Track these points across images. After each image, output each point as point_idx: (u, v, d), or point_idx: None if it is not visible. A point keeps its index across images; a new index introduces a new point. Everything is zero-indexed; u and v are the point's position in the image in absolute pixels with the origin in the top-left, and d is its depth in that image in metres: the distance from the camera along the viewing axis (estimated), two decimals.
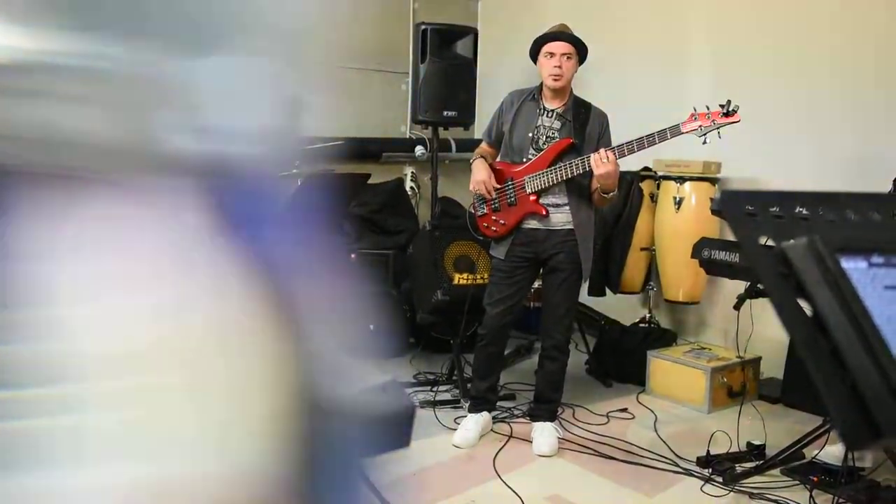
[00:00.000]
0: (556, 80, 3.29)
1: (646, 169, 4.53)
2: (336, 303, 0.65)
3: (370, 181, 4.24)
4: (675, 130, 3.14)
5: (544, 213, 3.32)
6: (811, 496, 2.88)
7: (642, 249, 4.51)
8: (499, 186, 3.40)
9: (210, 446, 0.50)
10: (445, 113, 4.64)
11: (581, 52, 3.32)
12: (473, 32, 4.86)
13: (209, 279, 0.51)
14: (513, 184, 3.38)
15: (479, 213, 3.51)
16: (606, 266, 4.55)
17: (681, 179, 4.27)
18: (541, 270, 3.48)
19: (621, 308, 4.85)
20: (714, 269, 3.58)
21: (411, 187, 5.61)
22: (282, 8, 0.58)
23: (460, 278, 4.03)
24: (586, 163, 3.18)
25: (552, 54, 3.29)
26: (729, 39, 4.44)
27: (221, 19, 0.52)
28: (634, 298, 4.84)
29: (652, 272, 4.58)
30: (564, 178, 3.25)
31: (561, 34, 3.34)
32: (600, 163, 3.12)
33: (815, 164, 3.95)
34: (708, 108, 3.12)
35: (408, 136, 5.67)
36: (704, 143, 3.13)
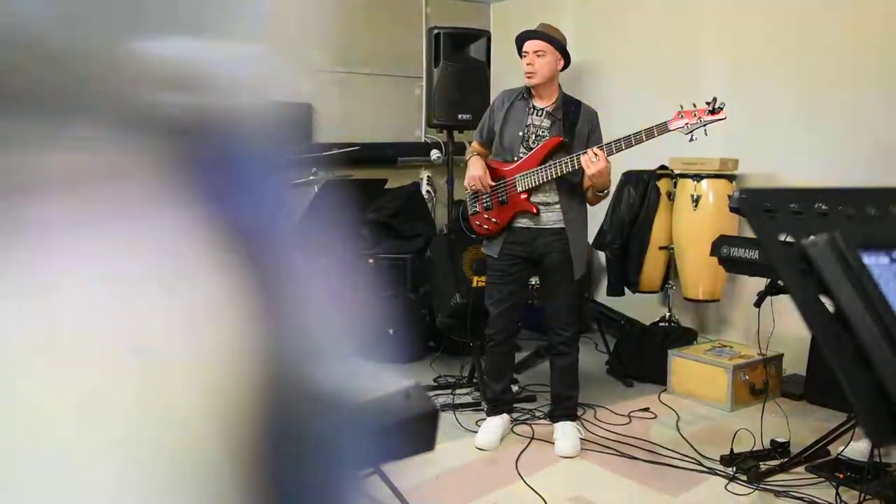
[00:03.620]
0: (529, 77, 3.33)
1: (662, 167, 4.52)
2: (347, 301, 0.64)
3: (386, 186, 4.26)
4: (662, 128, 3.14)
5: (535, 211, 3.33)
6: (837, 493, 2.85)
7: (661, 248, 4.49)
8: (493, 184, 3.41)
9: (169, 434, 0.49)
10: (460, 116, 4.65)
11: (558, 48, 3.32)
12: (486, 35, 4.87)
13: (176, 252, 0.49)
14: (504, 182, 3.40)
15: (472, 212, 3.54)
16: (625, 265, 4.54)
17: (698, 177, 4.25)
18: (535, 269, 3.49)
19: (641, 307, 4.84)
20: (733, 266, 3.56)
21: (427, 191, 5.63)
22: (283, 5, 0.57)
23: (478, 281, 4.03)
24: (576, 161, 3.19)
25: (526, 53, 3.33)
26: (743, 34, 4.42)
27: (217, 8, 0.52)
28: (654, 297, 4.82)
29: (671, 271, 4.56)
30: (554, 176, 3.27)
31: (531, 32, 3.38)
32: (591, 162, 3.13)
33: (834, 159, 3.91)
34: (694, 106, 3.13)
35: (423, 140, 5.69)
36: (691, 140, 3.14)
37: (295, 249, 0.58)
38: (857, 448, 3.02)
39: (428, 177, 5.69)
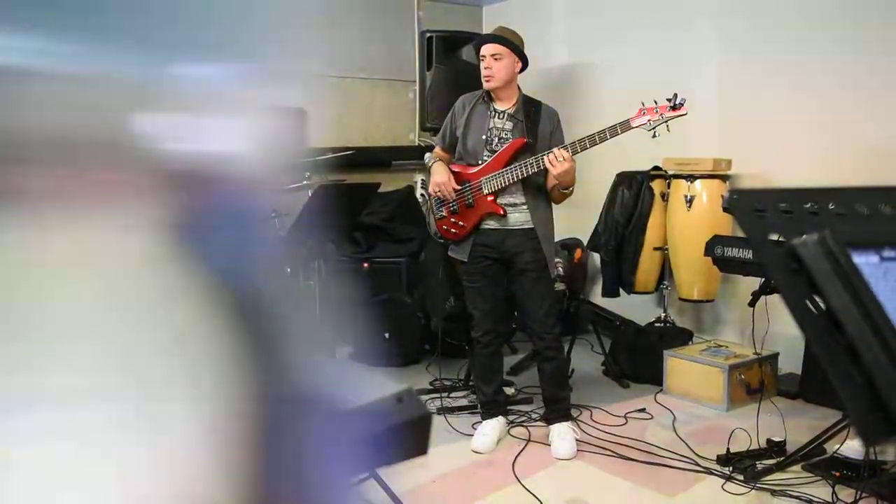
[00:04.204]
0: (486, 80, 3.35)
1: (656, 168, 4.52)
2: (335, 307, 0.65)
3: (381, 190, 4.25)
4: (625, 125, 3.15)
5: (502, 212, 3.34)
6: (833, 491, 2.86)
7: (655, 249, 4.50)
8: (458, 188, 3.42)
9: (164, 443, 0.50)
10: None
11: (515, 50, 3.33)
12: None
13: (174, 284, 0.51)
14: (470, 185, 3.40)
15: (438, 216, 3.54)
16: (620, 267, 4.54)
17: (691, 178, 4.26)
18: (508, 271, 3.48)
19: (636, 308, 4.84)
20: (728, 266, 3.57)
21: (421, 194, 5.63)
22: (276, 15, 0.58)
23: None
24: (541, 161, 3.20)
25: (483, 56, 3.36)
26: (735, 35, 4.43)
27: (211, 25, 0.52)
28: (649, 298, 4.83)
29: (665, 271, 4.57)
30: (520, 177, 3.28)
31: (487, 36, 3.42)
32: (556, 162, 3.14)
33: (826, 159, 3.93)
34: (656, 102, 3.15)
35: (416, 144, 5.69)
36: (654, 136, 3.15)
37: (283, 280, 0.59)
38: (853, 446, 3.02)
39: (422, 180, 5.69)
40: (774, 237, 0.88)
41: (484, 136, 3.39)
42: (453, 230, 3.48)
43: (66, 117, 0.45)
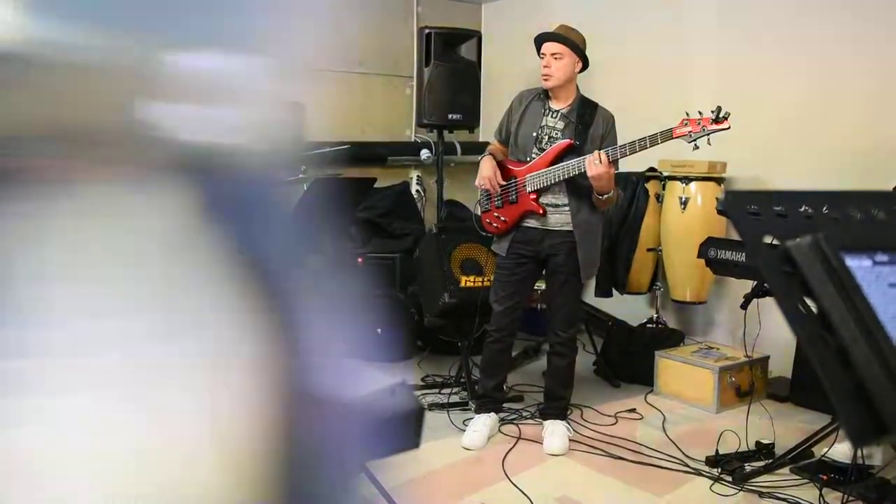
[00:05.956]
0: (545, 79, 3.35)
1: (651, 169, 4.53)
2: (339, 302, 0.65)
3: (376, 185, 4.25)
4: (666, 135, 3.16)
5: (541, 212, 3.35)
6: (821, 494, 2.87)
7: (649, 250, 4.51)
8: (504, 183, 3.42)
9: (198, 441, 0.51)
10: (450, 116, 4.65)
11: (576, 50, 3.33)
12: (477, 35, 4.86)
13: (196, 274, 0.51)
14: (515, 182, 3.41)
15: (483, 210, 3.56)
16: (613, 267, 4.55)
17: (686, 179, 4.27)
18: (543, 270, 3.50)
19: (628, 308, 4.85)
20: (721, 268, 3.58)
21: (417, 190, 5.63)
22: (278, 7, 0.58)
23: (467, 281, 4.03)
24: (582, 164, 3.20)
25: (544, 55, 3.35)
26: (733, 39, 4.44)
27: (215, 15, 0.53)
28: (641, 299, 4.84)
29: (659, 272, 4.58)
30: (563, 178, 3.28)
31: (549, 34, 3.39)
32: (593, 165, 3.15)
33: (821, 162, 3.94)
34: (700, 114, 3.14)
35: (413, 140, 5.68)
36: (695, 148, 3.15)
37: (302, 270, 0.60)
38: (841, 450, 3.04)
39: (418, 176, 5.69)
40: (769, 240, 0.88)
41: (535, 134, 3.39)
42: (495, 224, 3.50)
43: (75, 105, 0.45)
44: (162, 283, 0.49)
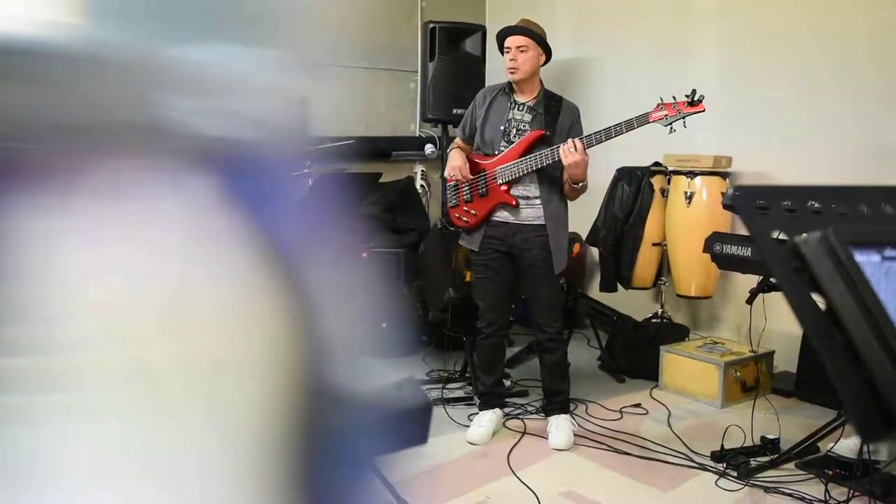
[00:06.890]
0: (512, 72, 3.36)
1: (656, 164, 4.52)
2: (348, 297, 0.66)
3: (380, 180, 4.25)
4: (642, 120, 3.16)
5: (514, 203, 3.35)
6: (826, 490, 2.87)
7: (654, 245, 4.51)
8: (472, 177, 3.42)
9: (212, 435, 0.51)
10: (454, 111, 4.65)
11: (540, 43, 3.34)
12: (482, 30, 4.86)
13: (218, 262, 0.51)
14: (485, 175, 3.41)
15: (451, 204, 3.56)
16: (618, 262, 4.55)
17: (691, 174, 4.26)
18: (516, 265, 3.49)
19: (633, 303, 4.85)
20: (726, 263, 3.57)
21: (421, 185, 5.63)
22: (291, 2, 0.58)
23: (472, 275, 4.03)
24: (556, 153, 3.20)
25: (508, 48, 3.36)
26: (737, 31, 4.43)
27: (229, 8, 0.53)
28: (646, 294, 4.84)
29: (664, 267, 4.58)
30: (535, 168, 3.29)
31: (513, 28, 3.40)
32: (569, 152, 3.15)
33: (827, 157, 3.93)
34: (674, 98, 3.15)
35: (417, 135, 5.68)
36: (671, 132, 3.16)
37: (320, 258, 0.60)
38: (847, 445, 3.04)
39: (422, 171, 5.69)
40: (777, 235, 0.88)
41: (502, 127, 3.40)
42: (465, 218, 3.49)
43: (93, 100, 0.45)
44: (179, 280, 0.49)
